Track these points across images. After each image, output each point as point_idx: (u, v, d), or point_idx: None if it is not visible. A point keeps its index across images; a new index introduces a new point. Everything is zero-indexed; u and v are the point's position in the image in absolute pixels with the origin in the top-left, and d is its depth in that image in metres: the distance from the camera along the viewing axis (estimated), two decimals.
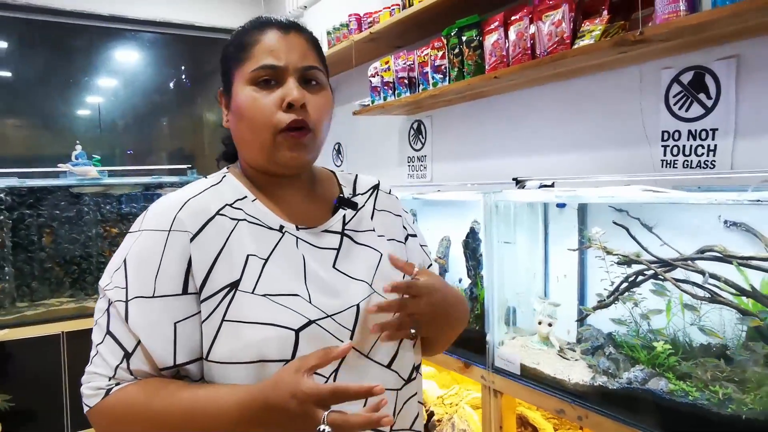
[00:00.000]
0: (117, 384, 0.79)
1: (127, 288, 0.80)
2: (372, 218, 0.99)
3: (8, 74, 3.68)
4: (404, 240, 1.03)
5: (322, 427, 0.69)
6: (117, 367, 0.79)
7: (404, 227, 1.05)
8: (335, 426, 0.69)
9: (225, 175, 0.93)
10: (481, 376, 1.72)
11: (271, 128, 0.84)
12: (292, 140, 0.85)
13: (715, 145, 1.59)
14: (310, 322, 0.81)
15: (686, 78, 1.65)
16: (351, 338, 0.84)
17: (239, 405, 0.75)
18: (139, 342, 0.78)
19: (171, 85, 4.32)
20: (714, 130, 1.60)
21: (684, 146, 1.66)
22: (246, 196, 0.90)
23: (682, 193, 1.31)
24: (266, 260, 0.84)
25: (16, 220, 3.32)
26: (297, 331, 0.80)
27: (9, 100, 3.67)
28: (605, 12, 1.66)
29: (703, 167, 1.62)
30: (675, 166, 1.68)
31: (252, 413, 0.74)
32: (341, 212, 0.95)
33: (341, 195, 0.99)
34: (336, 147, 3.56)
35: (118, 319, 0.80)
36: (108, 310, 0.81)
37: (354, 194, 1.01)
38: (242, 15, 4.03)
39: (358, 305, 0.86)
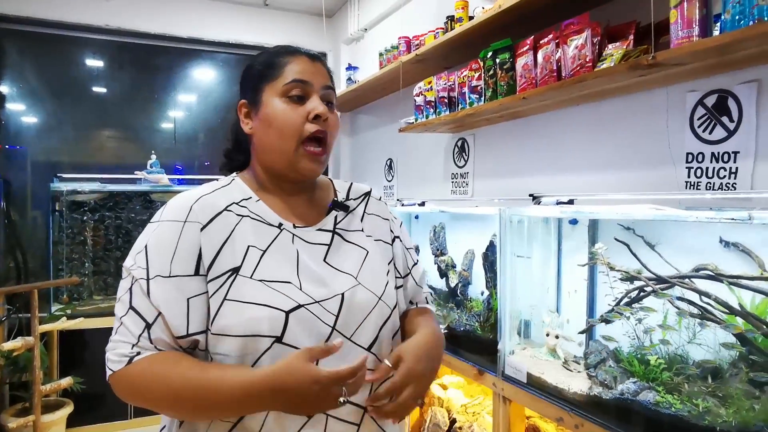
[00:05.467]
0: (138, 353, 0.90)
1: (148, 268, 0.93)
2: (362, 220, 1.12)
3: (103, 90, 4.10)
4: (391, 242, 1.15)
5: (342, 399, 0.84)
6: (140, 335, 0.91)
7: (391, 230, 1.16)
8: (350, 392, 0.85)
9: (234, 179, 1.08)
10: (492, 383, 1.78)
11: (298, 136, 0.99)
12: (312, 155, 1.01)
13: (737, 168, 1.60)
14: (299, 306, 0.93)
15: (710, 101, 1.66)
16: (335, 322, 0.96)
17: (245, 384, 0.85)
18: (159, 314, 0.91)
19: None
20: (736, 153, 1.60)
21: (707, 168, 1.67)
22: (251, 197, 1.04)
23: (680, 212, 1.34)
24: (264, 251, 0.97)
25: (97, 221, 3.70)
26: (287, 313, 0.92)
27: (102, 113, 4.09)
28: (631, 36, 1.71)
29: (725, 189, 1.62)
30: (698, 187, 1.69)
31: (260, 393, 0.84)
32: (333, 213, 1.09)
33: (335, 199, 1.13)
34: (387, 162, 3.71)
35: (140, 295, 0.92)
36: (131, 288, 0.94)
37: (347, 199, 1.15)
38: (307, 37, 4.29)
39: (343, 294, 0.98)
